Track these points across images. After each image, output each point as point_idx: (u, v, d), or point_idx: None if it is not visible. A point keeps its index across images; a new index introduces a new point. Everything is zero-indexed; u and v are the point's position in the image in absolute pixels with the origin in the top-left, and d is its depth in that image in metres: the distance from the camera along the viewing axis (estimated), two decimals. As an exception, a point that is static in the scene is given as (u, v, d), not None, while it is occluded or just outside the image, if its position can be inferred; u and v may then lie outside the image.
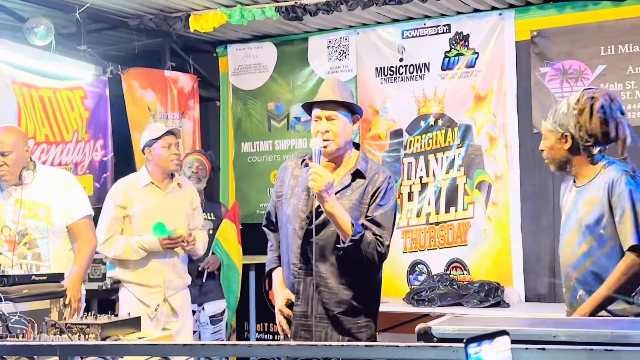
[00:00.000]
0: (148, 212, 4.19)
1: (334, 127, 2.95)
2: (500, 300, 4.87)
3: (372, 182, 2.97)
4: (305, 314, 2.97)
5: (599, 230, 2.80)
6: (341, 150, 3.00)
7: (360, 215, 2.92)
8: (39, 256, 3.63)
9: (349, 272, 2.95)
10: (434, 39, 5.46)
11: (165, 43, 5.84)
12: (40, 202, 3.64)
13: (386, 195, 2.95)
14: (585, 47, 5.00)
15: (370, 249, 2.87)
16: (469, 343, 1.12)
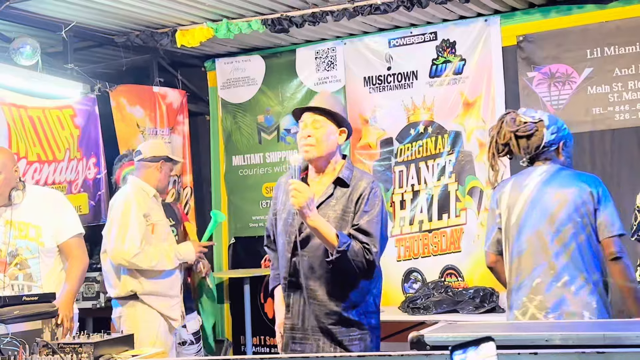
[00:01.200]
0: (161, 221, 4.19)
1: (317, 133, 2.96)
2: (495, 306, 4.87)
3: (355, 190, 2.95)
4: (296, 326, 2.97)
5: None
6: (323, 159, 3.00)
7: (346, 225, 2.91)
8: (30, 277, 3.60)
9: (338, 284, 2.93)
10: (420, 47, 5.48)
11: (152, 59, 5.85)
12: (31, 222, 3.62)
13: (369, 201, 2.92)
14: (572, 50, 5.02)
15: (358, 258, 2.85)
16: (454, 350, 1.12)
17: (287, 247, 2.99)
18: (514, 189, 3.04)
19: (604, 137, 4.96)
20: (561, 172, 2.99)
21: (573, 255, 2.89)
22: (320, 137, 2.96)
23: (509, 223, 3.02)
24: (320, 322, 2.93)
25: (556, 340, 1.98)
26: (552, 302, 2.89)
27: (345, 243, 2.82)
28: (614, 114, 4.91)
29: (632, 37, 4.85)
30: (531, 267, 2.94)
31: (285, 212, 3.04)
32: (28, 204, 3.62)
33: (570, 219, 2.90)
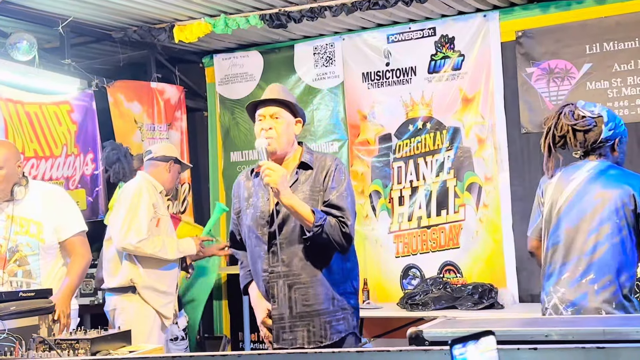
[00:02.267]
0: (166, 217, 4.21)
1: (277, 126, 2.97)
2: (494, 302, 4.86)
3: (320, 169, 2.99)
4: (284, 315, 2.97)
5: None
6: (283, 151, 3.01)
7: (316, 204, 2.93)
8: (29, 273, 3.58)
9: (319, 265, 2.96)
10: (419, 42, 5.46)
11: (150, 55, 5.83)
12: (32, 218, 3.59)
13: (335, 176, 2.96)
14: (571, 46, 5.01)
15: (335, 232, 2.87)
16: (454, 344, 1.10)
17: (261, 239, 3.00)
18: (560, 181, 3.07)
19: (603, 133, 4.93)
20: (609, 171, 3.01)
21: (604, 255, 2.92)
22: (281, 129, 2.98)
23: (551, 214, 3.06)
24: (308, 305, 2.95)
25: (556, 335, 1.97)
26: (574, 297, 2.95)
27: (321, 218, 2.84)
28: (613, 110, 4.88)
29: (631, 33, 4.84)
30: (562, 259, 3.01)
31: (251, 207, 3.05)
32: (30, 200, 3.59)
33: (609, 219, 2.92)
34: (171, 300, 4.19)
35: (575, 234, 2.98)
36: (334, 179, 2.97)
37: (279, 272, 2.96)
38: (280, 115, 3.00)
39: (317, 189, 2.97)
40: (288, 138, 3.02)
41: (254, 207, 3.04)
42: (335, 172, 2.98)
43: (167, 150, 4.33)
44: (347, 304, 3.02)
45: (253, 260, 3.07)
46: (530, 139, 5.17)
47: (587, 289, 2.92)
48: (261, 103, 3.04)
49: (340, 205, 2.92)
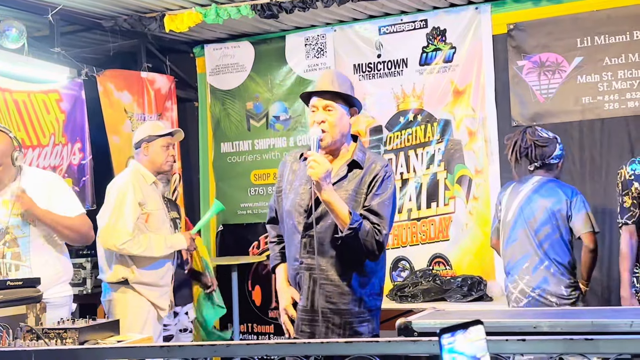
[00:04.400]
0: (157, 211, 4.13)
1: (330, 118, 2.92)
2: (483, 294, 4.88)
3: (369, 172, 2.94)
4: (307, 308, 2.95)
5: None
6: (337, 143, 2.97)
7: (357, 206, 2.90)
8: (18, 255, 3.57)
9: (349, 265, 2.92)
10: (411, 34, 5.45)
11: (140, 44, 5.79)
12: None
13: (383, 184, 2.92)
14: (562, 39, 5.01)
15: (368, 238, 2.83)
16: (443, 334, 1.10)
17: (296, 227, 2.96)
18: (512, 192, 3.96)
19: (593, 127, 4.95)
20: (548, 184, 3.88)
21: (550, 247, 3.82)
22: (334, 121, 2.92)
23: (506, 219, 3.93)
24: (331, 302, 2.92)
25: (544, 327, 1.97)
26: (537, 281, 3.81)
27: (357, 221, 2.80)
28: (603, 104, 4.91)
29: (622, 26, 4.84)
30: (520, 254, 3.86)
31: (293, 192, 3.01)
32: (23, 184, 3.59)
33: (548, 221, 3.81)
34: (166, 292, 4.17)
35: (526, 234, 3.85)
36: (381, 186, 2.93)
37: (308, 265, 2.93)
38: (334, 107, 2.93)
39: (361, 191, 2.93)
40: (342, 129, 2.96)
41: (295, 192, 3.00)
42: (384, 178, 2.94)
43: (138, 135, 4.23)
44: (374, 305, 3.00)
45: (288, 245, 3.05)
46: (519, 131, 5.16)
47: (546, 274, 3.80)
48: (314, 94, 2.99)
49: (380, 212, 2.88)
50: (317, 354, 2.05)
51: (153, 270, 4.08)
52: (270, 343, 2.13)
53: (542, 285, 3.80)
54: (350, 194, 2.90)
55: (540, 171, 3.91)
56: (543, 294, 3.79)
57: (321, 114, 2.93)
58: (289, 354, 2.11)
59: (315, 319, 2.91)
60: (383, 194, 2.91)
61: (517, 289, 3.85)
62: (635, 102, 4.82)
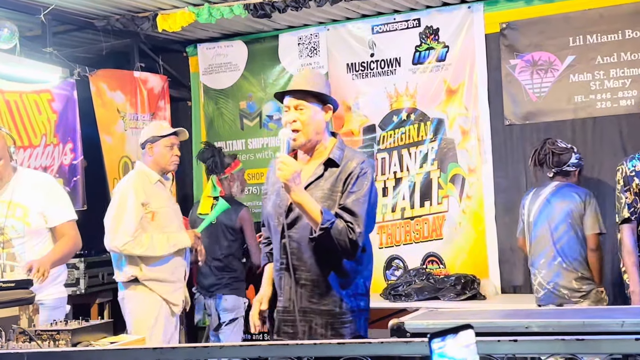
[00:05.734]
0: (163, 208, 4.14)
1: (302, 117, 2.89)
2: (476, 293, 4.89)
3: (345, 170, 2.89)
4: (288, 309, 2.92)
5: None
6: (312, 141, 2.93)
7: (334, 204, 2.85)
8: (13, 256, 3.57)
9: (328, 265, 2.89)
10: (404, 33, 5.45)
11: (133, 44, 5.77)
12: (19, 202, 3.59)
13: (358, 181, 2.86)
14: (554, 38, 5.02)
15: (342, 237, 2.78)
16: (433, 338, 1.10)
17: (276, 229, 2.95)
18: (533, 196, 4.41)
19: (586, 125, 4.97)
20: (565, 188, 4.31)
21: (565, 245, 4.22)
22: (306, 120, 2.89)
23: (529, 220, 4.39)
24: (312, 303, 2.89)
25: (536, 327, 1.98)
26: (551, 275, 4.25)
27: (329, 220, 2.76)
28: (595, 102, 4.92)
29: (614, 25, 4.85)
30: (540, 250, 4.31)
31: (274, 193, 3.00)
32: (18, 185, 3.59)
33: (564, 220, 4.23)
34: (179, 287, 4.17)
35: (544, 233, 4.28)
36: (356, 183, 2.87)
37: (287, 265, 2.90)
38: (305, 106, 2.89)
39: (336, 189, 2.88)
40: (316, 127, 2.91)
41: (277, 194, 2.97)
42: (359, 175, 2.87)
43: (156, 130, 4.24)
44: (356, 306, 2.94)
45: (273, 247, 3.04)
46: (513, 130, 5.18)
47: (559, 269, 4.23)
48: (286, 93, 2.97)
49: (355, 210, 2.83)
50: (309, 355, 2.05)
51: (161, 266, 4.09)
52: (262, 344, 2.13)
53: (556, 279, 4.22)
54: (326, 193, 2.87)
55: (558, 177, 4.34)
56: (557, 287, 4.22)
57: (292, 114, 2.90)
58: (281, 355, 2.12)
59: (296, 319, 2.89)
60: (358, 191, 2.86)
61: (536, 282, 4.33)
62: (627, 100, 4.83)
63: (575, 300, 4.15)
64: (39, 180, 3.73)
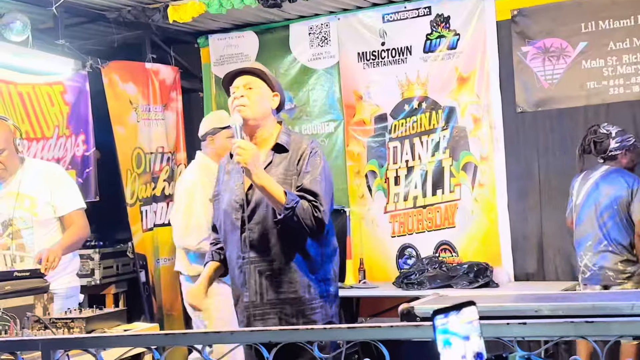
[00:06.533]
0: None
1: (251, 95, 2.86)
2: (489, 281, 4.88)
3: (295, 152, 2.88)
4: (256, 303, 2.87)
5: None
6: (257, 121, 2.88)
7: (290, 188, 2.82)
8: (22, 247, 3.60)
9: (293, 250, 2.85)
10: (415, 21, 5.44)
11: (145, 35, 5.79)
12: (27, 193, 3.62)
13: (310, 160, 2.85)
14: (566, 24, 4.99)
15: (307, 216, 2.76)
16: (436, 315, 1.11)
17: (234, 224, 2.89)
18: (582, 179, 4.52)
19: (598, 112, 4.94)
20: (613, 173, 4.41)
21: (611, 229, 4.37)
22: (254, 97, 2.86)
23: (577, 202, 4.52)
24: (280, 292, 2.85)
25: (545, 311, 1.98)
26: (597, 257, 4.39)
27: (293, 200, 2.74)
28: (608, 88, 4.89)
29: (626, 10, 4.81)
30: (586, 233, 4.46)
31: (226, 191, 2.96)
32: (26, 176, 3.63)
33: (610, 206, 4.36)
34: None
35: (591, 216, 4.42)
36: (309, 162, 2.85)
37: (250, 258, 2.85)
38: (254, 85, 2.88)
39: (290, 172, 2.86)
40: (263, 109, 2.88)
41: (230, 191, 2.94)
42: (310, 155, 2.86)
43: (217, 121, 4.20)
44: (325, 291, 2.90)
45: (229, 247, 2.96)
46: (525, 118, 5.16)
47: (605, 252, 4.37)
48: (235, 75, 2.93)
49: (314, 189, 2.81)
50: (320, 339, 2.07)
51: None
52: (273, 329, 2.15)
53: (601, 262, 4.38)
54: (280, 178, 2.83)
55: (608, 162, 4.45)
56: (602, 269, 4.38)
57: (241, 91, 2.87)
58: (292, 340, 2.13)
59: (266, 312, 2.86)
60: (313, 170, 2.84)
61: (582, 263, 4.49)
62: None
63: (619, 282, 4.32)
64: (46, 170, 3.76)
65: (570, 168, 5.00)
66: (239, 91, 2.88)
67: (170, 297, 5.62)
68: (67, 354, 2.16)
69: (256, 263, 2.85)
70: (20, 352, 2.20)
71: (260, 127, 2.91)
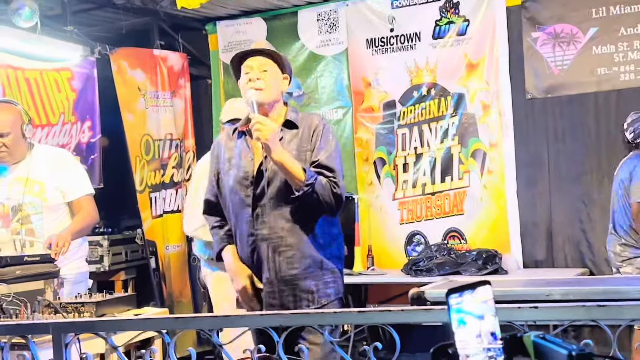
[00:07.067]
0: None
1: (267, 77, 2.82)
2: (498, 268, 4.87)
3: (307, 128, 2.85)
4: (270, 279, 2.83)
5: None
6: (272, 104, 2.86)
7: (305, 164, 2.78)
8: (32, 232, 3.61)
9: (306, 227, 2.82)
10: (424, 7, 5.40)
11: (153, 22, 5.78)
12: (35, 179, 3.62)
13: (324, 137, 2.83)
14: (577, 9, 4.95)
15: (326, 192, 2.74)
16: (450, 294, 1.10)
17: (244, 201, 2.84)
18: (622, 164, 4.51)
19: (609, 98, 4.91)
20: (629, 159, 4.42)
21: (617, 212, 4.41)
22: (269, 80, 2.82)
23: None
24: (294, 268, 2.81)
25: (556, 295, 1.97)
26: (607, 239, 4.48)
27: (312, 176, 2.71)
28: (619, 74, 4.85)
29: (638, -4, 4.78)
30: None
31: (234, 168, 2.90)
32: (34, 161, 3.63)
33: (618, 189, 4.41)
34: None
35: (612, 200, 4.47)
36: (323, 138, 2.83)
37: (264, 235, 2.81)
38: (269, 68, 2.84)
39: (304, 148, 2.83)
40: (276, 92, 2.85)
41: (237, 167, 2.89)
42: (323, 131, 2.84)
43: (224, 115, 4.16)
44: (335, 267, 2.88)
45: (238, 225, 2.90)
46: (535, 104, 5.14)
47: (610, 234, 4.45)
48: (247, 55, 2.89)
49: (331, 166, 2.79)
50: (330, 323, 2.07)
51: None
52: (283, 313, 2.15)
53: (608, 244, 4.51)
54: (294, 154, 2.79)
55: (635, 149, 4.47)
56: (609, 251, 4.51)
57: (256, 73, 2.82)
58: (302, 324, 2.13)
59: (281, 289, 2.81)
60: (327, 146, 2.82)
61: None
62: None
63: (618, 265, 4.36)
64: (55, 155, 3.76)
65: (580, 155, 4.99)
66: (253, 72, 2.83)
67: (180, 283, 5.64)
68: (77, 337, 2.17)
69: (269, 240, 2.81)
70: (31, 336, 2.21)
71: (272, 110, 2.88)
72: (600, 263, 4.89)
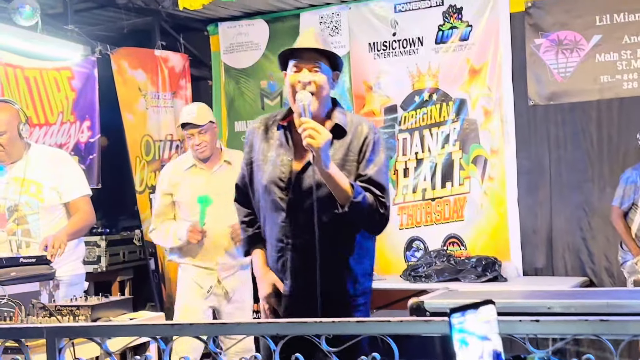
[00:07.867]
0: (194, 196, 3.93)
1: (318, 79, 2.52)
2: (497, 275, 4.84)
3: (356, 136, 2.57)
4: (294, 292, 2.60)
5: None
6: (322, 108, 2.58)
7: (348, 175, 2.52)
8: (28, 232, 3.58)
9: (344, 242, 2.57)
10: (427, 12, 5.38)
11: (154, 22, 5.76)
12: (32, 179, 3.60)
13: (375, 148, 2.56)
14: (580, 16, 4.93)
15: (372, 212, 2.50)
16: (453, 313, 1.07)
17: (278, 204, 2.58)
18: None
19: (612, 106, 4.88)
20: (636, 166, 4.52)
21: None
22: (321, 83, 2.53)
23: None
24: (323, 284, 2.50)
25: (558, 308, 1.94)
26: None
27: (360, 194, 2.46)
28: (622, 82, 4.83)
29: (642, 4, 4.75)
30: None
31: (269, 164, 2.62)
32: (31, 161, 3.60)
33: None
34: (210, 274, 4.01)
35: None
36: (374, 150, 2.55)
37: (296, 245, 2.56)
38: (321, 68, 2.54)
39: (351, 158, 2.56)
40: (326, 95, 2.57)
41: (274, 165, 2.61)
42: (374, 142, 2.56)
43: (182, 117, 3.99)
44: (367, 287, 2.65)
45: (268, 226, 2.66)
46: (537, 111, 5.11)
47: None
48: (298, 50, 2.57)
49: (381, 182, 2.53)
50: (327, 333, 2.03)
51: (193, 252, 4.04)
52: (280, 322, 2.11)
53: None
54: (338, 163, 2.52)
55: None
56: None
57: (307, 75, 2.52)
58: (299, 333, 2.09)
59: (308, 303, 2.51)
60: (377, 160, 2.56)
61: None
62: (654, 81, 4.74)
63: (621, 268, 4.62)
64: (52, 156, 3.73)
65: (581, 163, 4.96)
66: (304, 74, 2.53)
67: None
68: (72, 342, 2.14)
69: (300, 251, 2.55)
70: (24, 340, 2.18)
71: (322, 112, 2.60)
72: (601, 272, 4.86)
